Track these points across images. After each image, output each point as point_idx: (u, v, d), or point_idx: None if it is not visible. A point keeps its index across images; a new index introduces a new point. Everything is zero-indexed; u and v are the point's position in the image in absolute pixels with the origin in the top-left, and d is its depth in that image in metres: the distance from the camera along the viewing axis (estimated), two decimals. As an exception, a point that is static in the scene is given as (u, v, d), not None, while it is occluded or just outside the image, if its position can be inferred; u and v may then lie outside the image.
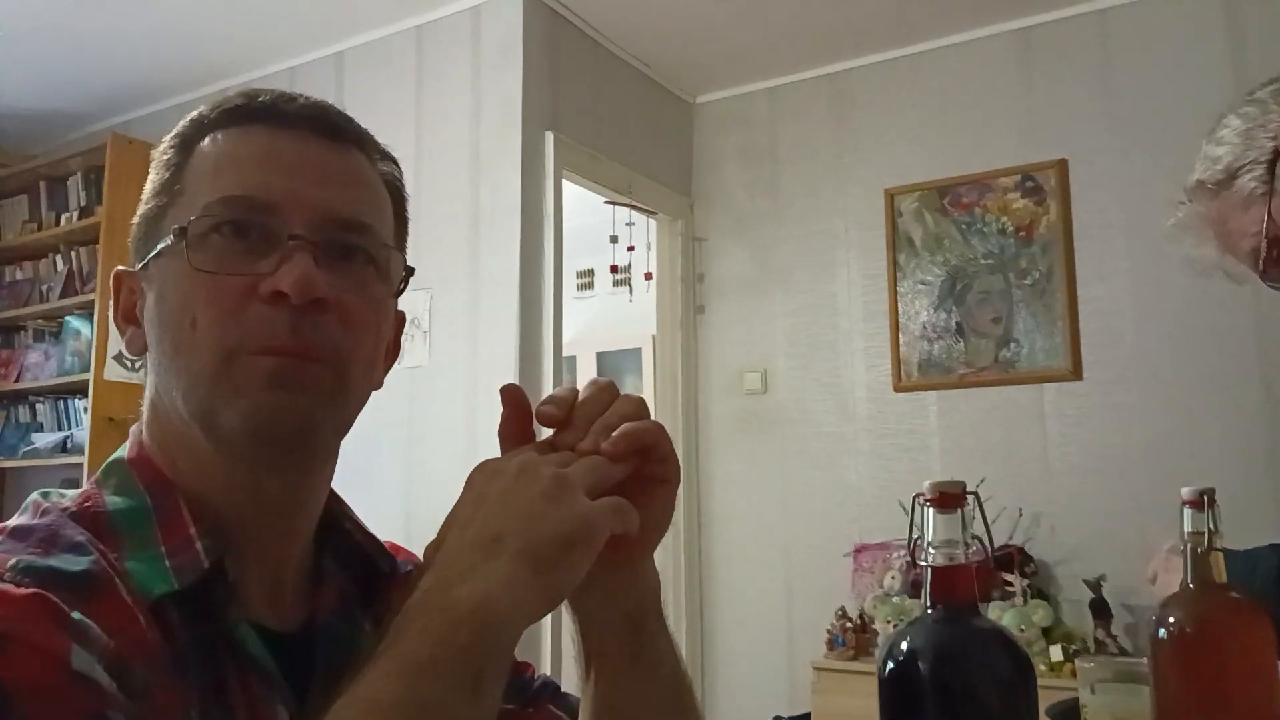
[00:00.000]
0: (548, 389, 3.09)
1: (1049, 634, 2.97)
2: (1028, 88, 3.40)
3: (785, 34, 3.54)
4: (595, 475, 0.60)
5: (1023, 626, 2.95)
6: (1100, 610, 2.97)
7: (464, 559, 0.55)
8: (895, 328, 3.53)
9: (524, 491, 0.57)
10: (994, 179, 3.40)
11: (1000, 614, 2.99)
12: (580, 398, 0.65)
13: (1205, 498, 0.91)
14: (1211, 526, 0.90)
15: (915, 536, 0.73)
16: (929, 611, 0.71)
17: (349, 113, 0.73)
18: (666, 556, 3.79)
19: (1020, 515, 3.18)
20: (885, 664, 0.70)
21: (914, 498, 0.73)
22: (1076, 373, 3.22)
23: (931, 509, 0.72)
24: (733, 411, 3.86)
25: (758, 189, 3.90)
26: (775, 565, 3.68)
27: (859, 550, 3.38)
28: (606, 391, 0.66)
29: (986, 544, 0.71)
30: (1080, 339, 3.22)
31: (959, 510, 0.72)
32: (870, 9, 3.37)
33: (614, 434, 0.63)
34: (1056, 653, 2.90)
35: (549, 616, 0.65)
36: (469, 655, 0.53)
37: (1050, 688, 2.79)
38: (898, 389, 3.52)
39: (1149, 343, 3.13)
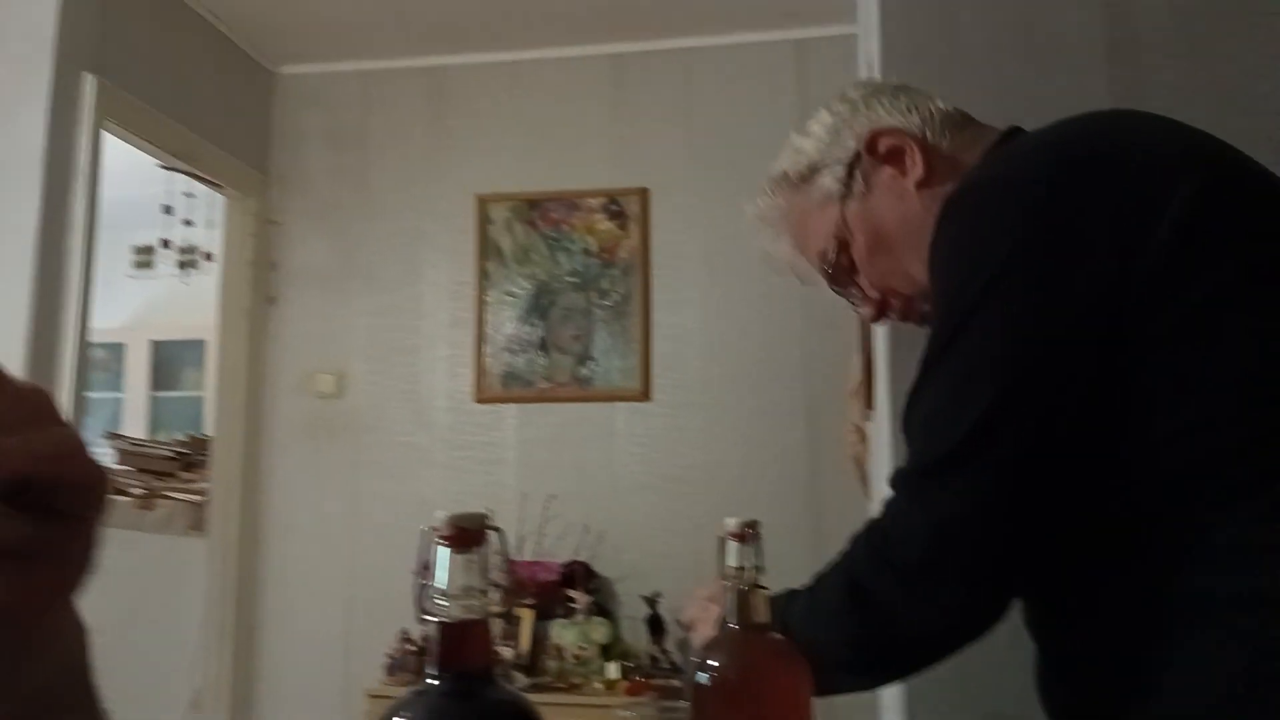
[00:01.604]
0: (67, 384, 2.60)
1: (608, 651, 3.00)
2: (617, 113, 3.47)
3: (383, 16, 3.32)
4: None
5: (583, 645, 2.95)
6: (656, 627, 3.06)
7: None
8: (480, 337, 3.43)
9: None
10: (582, 199, 3.42)
11: (562, 631, 2.98)
12: None
13: (748, 531, 0.85)
14: (753, 561, 0.85)
15: (423, 584, 0.58)
16: (433, 681, 0.56)
17: None
18: (211, 572, 3.39)
19: (587, 531, 3.20)
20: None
21: (422, 532, 0.58)
22: (646, 394, 3.31)
23: (443, 548, 0.57)
24: (301, 415, 3.55)
25: (345, 176, 3.63)
26: (336, 583, 3.41)
27: (428, 568, 3.21)
28: None
29: (515, 590, 0.57)
30: (652, 362, 3.32)
31: (478, 549, 0.58)
32: (471, 7, 3.26)
33: None
34: (613, 670, 2.93)
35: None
36: None
37: (604, 706, 2.82)
38: (479, 400, 3.42)
39: (712, 370, 3.29)
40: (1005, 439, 0.75)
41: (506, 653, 2.92)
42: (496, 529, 0.59)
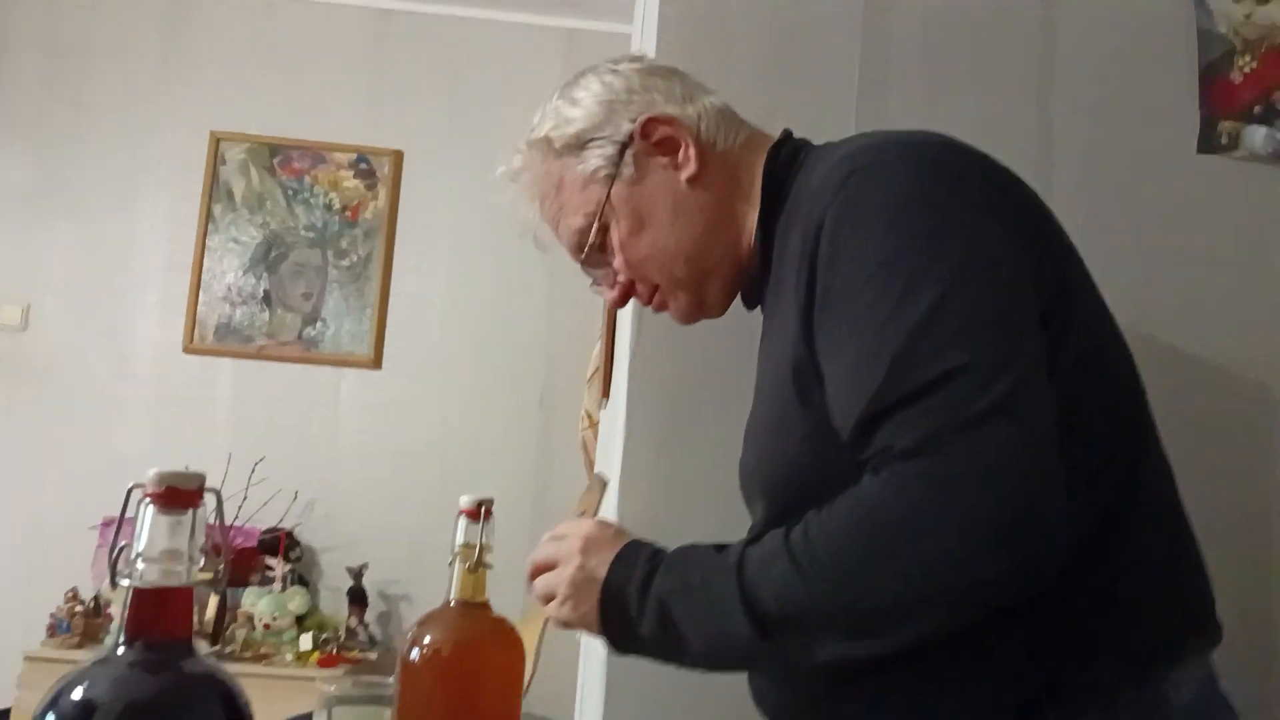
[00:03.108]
0: None
1: (303, 622, 2.88)
2: (378, 70, 3.33)
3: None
4: None
5: (276, 614, 2.82)
6: (357, 598, 2.97)
7: None
8: (197, 284, 3.19)
9: None
10: (330, 152, 3.26)
11: (256, 599, 2.84)
12: None
13: (483, 509, 0.84)
14: (484, 540, 0.84)
15: (123, 544, 0.53)
16: (121, 650, 0.51)
17: None
18: None
19: (295, 498, 3.05)
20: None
21: (129, 490, 0.53)
22: (377, 361, 3.20)
23: (151, 508, 0.52)
24: (-25, 347, 3.15)
25: (59, 86, 3.25)
26: (4, 537, 3.05)
27: (108, 524, 2.94)
28: None
29: (219, 559, 0.53)
30: (386, 328, 3.22)
31: (191, 512, 0.53)
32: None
33: None
34: (307, 641, 2.82)
35: None
36: None
37: (295, 678, 2.70)
38: (188, 350, 3.17)
39: (451, 340, 3.24)
40: (1039, 379, 0.71)
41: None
42: (215, 492, 0.54)
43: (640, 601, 0.78)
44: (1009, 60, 1.46)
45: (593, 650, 1.47)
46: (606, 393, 1.69)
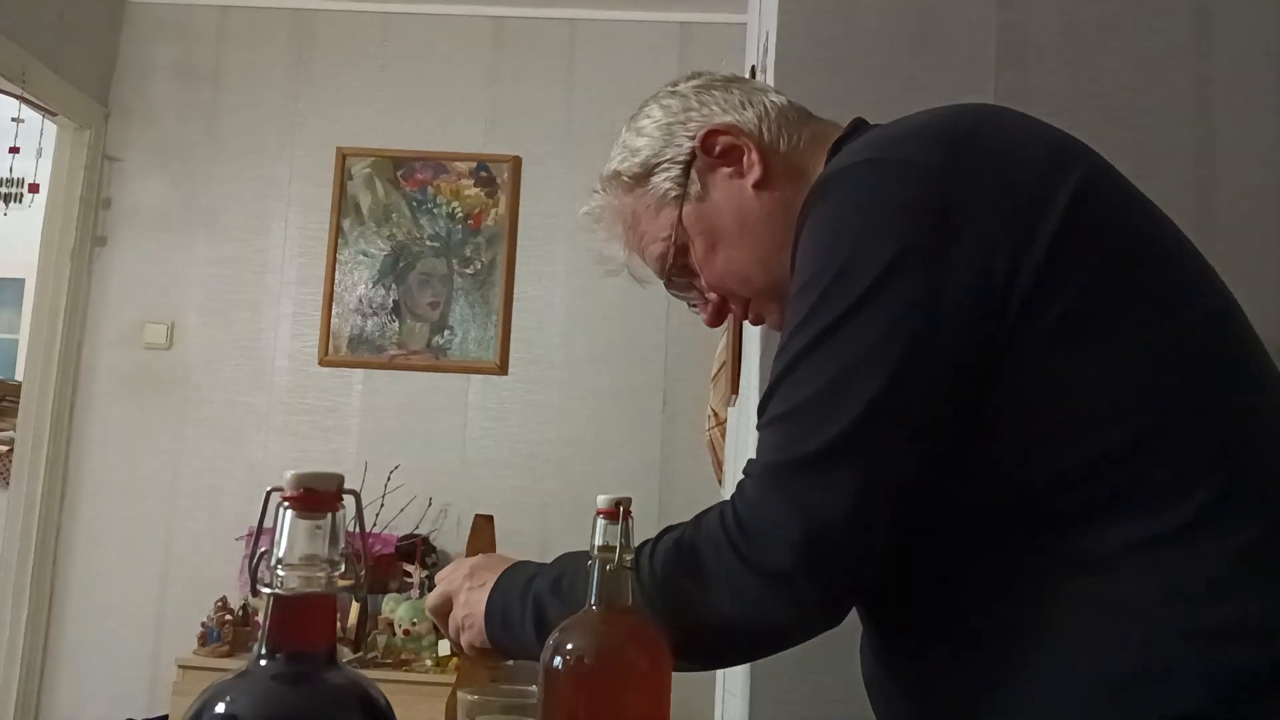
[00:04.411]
0: None
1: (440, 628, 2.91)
2: (495, 77, 3.36)
3: (248, -53, 3.12)
4: None
5: (415, 620, 2.86)
6: (493, 604, 2.99)
7: None
8: (329, 297, 3.27)
9: None
10: (451, 161, 3.30)
11: (396, 605, 2.89)
12: None
13: (621, 508, 0.81)
14: (624, 540, 0.80)
15: (262, 550, 0.51)
16: (263, 661, 0.49)
17: None
18: (9, 528, 3.12)
19: (430, 505, 3.10)
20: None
21: (268, 493, 0.51)
22: (503, 367, 3.23)
23: (290, 512, 0.50)
24: (125, 367, 3.30)
25: (192, 113, 3.39)
26: (152, 548, 3.20)
27: (252, 536, 3.04)
28: None
29: (359, 565, 0.51)
30: (511, 334, 3.24)
31: (330, 516, 0.51)
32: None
33: None
34: (445, 647, 2.85)
35: None
36: None
37: (435, 684, 2.74)
38: (323, 362, 3.26)
39: (573, 347, 3.24)
40: (893, 431, 0.71)
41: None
42: (354, 493, 0.52)
43: (521, 603, 0.83)
44: (1159, 23, 1.35)
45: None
46: (735, 389, 1.64)
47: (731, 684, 1.45)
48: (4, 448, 3.26)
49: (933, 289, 0.71)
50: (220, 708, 0.47)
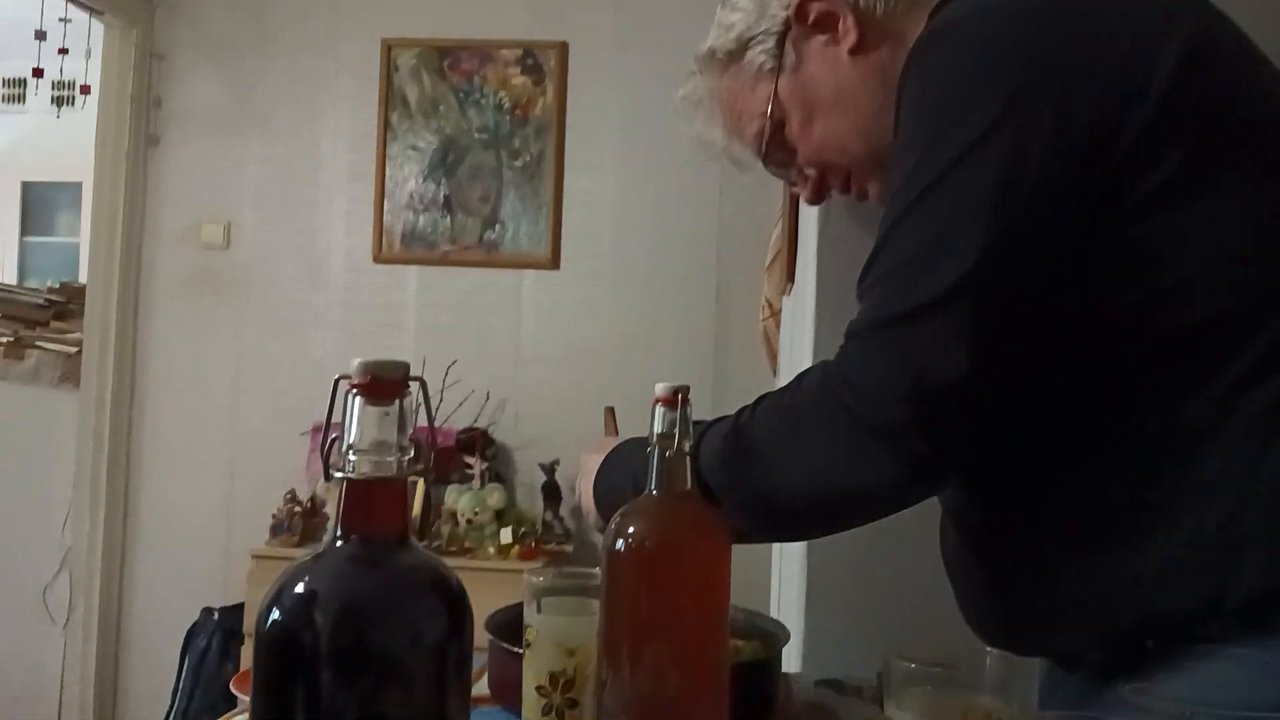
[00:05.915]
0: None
1: (501, 516, 2.99)
2: (540, -40, 3.26)
3: None
4: None
5: (478, 510, 2.93)
6: (551, 493, 3.05)
7: None
8: (381, 193, 3.27)
9: None
10: (496, 49, 3.23)
11: (458, 496, 2.96)
12: None
13: (680, 395, 0.81)
14: (682, 428, 0.81)
15: (333, 437, 0.52)
16: (339, 543, 0.50)
17: None
18: (83, 427, 3.23)
19: (488, 399, 3.14)
20: (267, 616, 0.48)
21: (335, 381, 0.52)
22: (555, 262, 3.22)
23: (359, 399, 0.50)
24: (184, 268, 3.35)
25: (239, 7, 3.35)
26: (219, 443, 3.29)
27: (317, 430, 3.12)
28: None
29: (427, 447, 0.51)
30: (562, 228, 3.22)
31: (398, 403, 0.51)
32: None
33: None
34: (507, 535, 2.93)
35: None
36: None
37: (498, 570, 2.82)
38: (377, 259, 3.28)
39: (625, 240, 3.21)
40: (997, 287, 0.70)
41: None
42: (420, 380, 0.52)
43: (622, 474, 0.88)
44: None
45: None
46: (791, 276, 1.62)
47: (789, 568, 1.48)
48: (74, 349, 3.35)
49: (1038, 141, 0.70)
50: (299, 588, 0.49)
